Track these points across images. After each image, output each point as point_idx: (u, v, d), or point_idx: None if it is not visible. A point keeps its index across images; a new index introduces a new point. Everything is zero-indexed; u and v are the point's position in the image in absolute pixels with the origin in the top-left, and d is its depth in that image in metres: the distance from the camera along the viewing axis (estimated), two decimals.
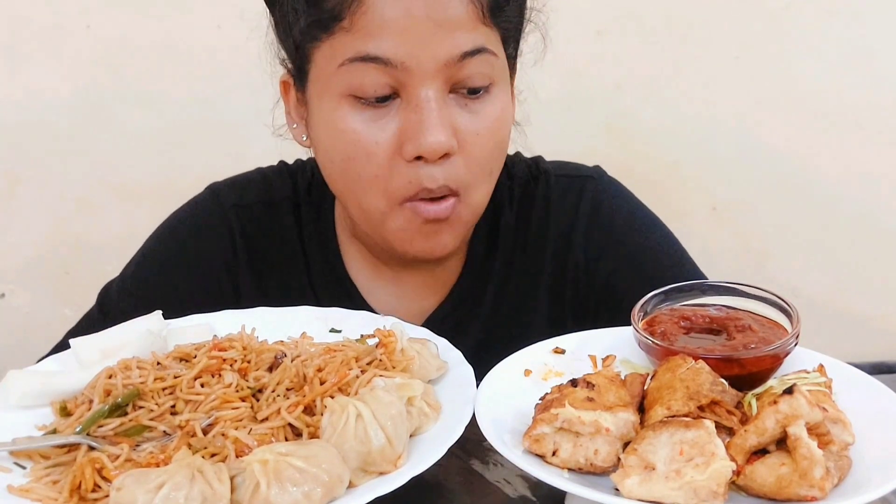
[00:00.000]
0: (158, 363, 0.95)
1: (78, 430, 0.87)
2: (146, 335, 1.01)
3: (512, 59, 1.15)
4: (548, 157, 1.34)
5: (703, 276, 1.27)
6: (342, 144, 1.07)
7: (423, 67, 1.01)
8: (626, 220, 1.29)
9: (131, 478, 0.74)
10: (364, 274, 1.28)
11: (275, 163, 1.35)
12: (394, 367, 0.93)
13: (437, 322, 1.25)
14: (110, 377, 0.93)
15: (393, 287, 1.28)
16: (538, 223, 1.28)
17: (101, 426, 0.87)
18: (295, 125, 1.19)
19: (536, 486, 0.93)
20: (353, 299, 1.26)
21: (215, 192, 1.30)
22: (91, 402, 0.91)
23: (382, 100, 1.04)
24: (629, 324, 0.97)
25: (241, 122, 1.88)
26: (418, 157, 1.04)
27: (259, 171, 1.34)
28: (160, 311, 1.06)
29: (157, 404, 0.89)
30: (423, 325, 1.18)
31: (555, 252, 1.27)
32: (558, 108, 1.98)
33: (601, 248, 1.26)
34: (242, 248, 1.27)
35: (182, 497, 0.72)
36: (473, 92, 1.06)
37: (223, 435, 0.83)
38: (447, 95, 1.05)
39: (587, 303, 1.28)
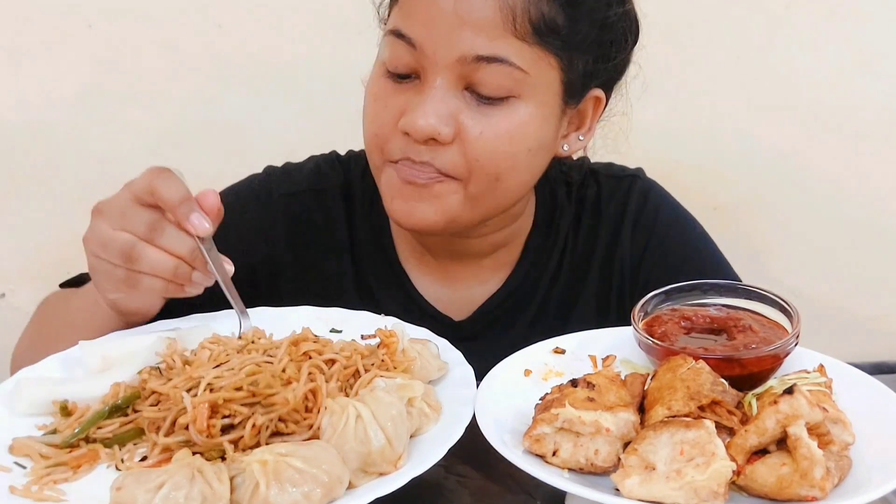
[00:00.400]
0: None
1: (77, 430, 0.87)
2: (156, 345, 0.99)
3: (572, 87, 1.12)
4: None
5: (738, 278, 1.28)
6: (366, 99, 1.14)
7: (438, 56, 1.05)
8: (670, 218, 1.32)
9: (131, 477, 0.74)
10: (411, 262, 1.30)
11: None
12: (395, 368, 0.93)
13: (485, 314, 1.28)
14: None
15: (442, 277, 1.30)
16: (590, 224, 1.31)
17: (100, 427, 0.87)
18: None
19: (536, 486, 0.92)
20: (404, 285, 1.29)
21: (266, 180, 1.32)
22: None
23: (404, 77, 1.09)
24: None
25: (241, 122, 1.88)
26: (408, 134, 1.08)
27: (312, 158, 1.36)
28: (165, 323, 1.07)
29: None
30: (471, 317, 1.27)
31: (605, 255, 1.30)
32: None
33: (645, 246, 1.29)
34: (285, 236, 1.28)
35: (182, 497, 0.73)
36: (486, 98, 1.07)
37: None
38: (461, 91, 1.07)
39: (632, 302, 1.29)
